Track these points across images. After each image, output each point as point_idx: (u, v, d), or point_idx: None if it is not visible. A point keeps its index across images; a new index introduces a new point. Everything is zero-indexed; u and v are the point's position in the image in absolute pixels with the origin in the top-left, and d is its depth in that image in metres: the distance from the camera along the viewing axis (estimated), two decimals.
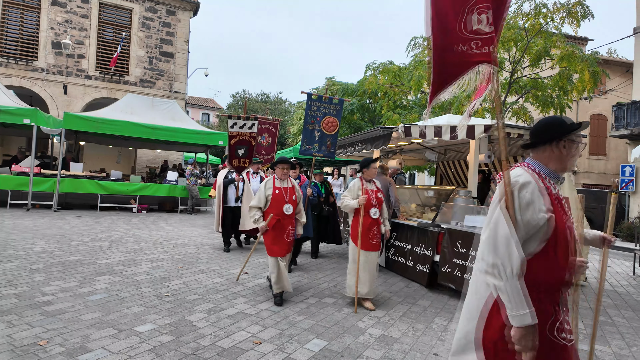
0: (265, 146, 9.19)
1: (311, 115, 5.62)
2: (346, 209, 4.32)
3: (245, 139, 6.31)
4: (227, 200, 6.68)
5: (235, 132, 6.26)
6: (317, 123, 5.63)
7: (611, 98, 18.88)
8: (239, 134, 6.28)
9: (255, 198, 4.26)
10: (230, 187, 6.73)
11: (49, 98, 14.48)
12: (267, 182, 4.30)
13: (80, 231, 7.70)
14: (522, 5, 10.55)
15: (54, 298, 3.82)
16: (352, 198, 4.33)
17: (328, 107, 5.66)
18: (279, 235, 4.19)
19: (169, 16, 16.24)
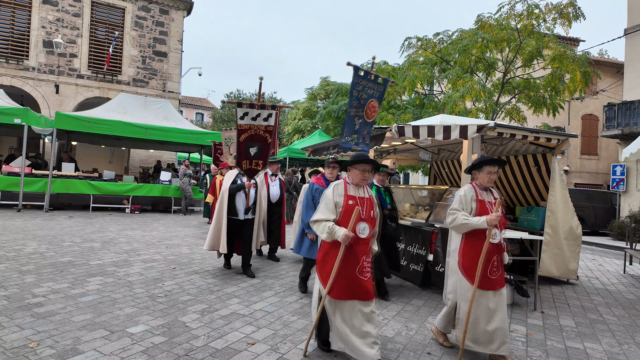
0: None
1: (356, 96, 4.38)
2: (460, 229, 3.10)
3: (259, 133, 4.83)
4: (233, 211, 5.13)
5: (245, 124, 4.76)
6: (361, 108, 4.40)
7: (602, 98, 19.08)
8: (251, 127, 4.78)
9: (320, 209, 2.96)
10: (239, 195, 5.14)
11: (41, 97, 14.32)
12: (336, 187, 2.99)
13: (72, 232, 7.62)
14: (515, 6, 10.64)
15: (44, 300, 3.78)
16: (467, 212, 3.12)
17: (373, 87, 4.46)
18: (346, 269, 2.82)
19: (162, 15, 16.14)
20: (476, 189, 3.18)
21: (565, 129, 19.33)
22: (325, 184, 4.45)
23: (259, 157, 5.01)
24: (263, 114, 4.78)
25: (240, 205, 5.15)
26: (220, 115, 33.68)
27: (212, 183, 8.33)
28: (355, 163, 2.96)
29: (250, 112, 4.74)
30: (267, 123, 4.84)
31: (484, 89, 10.21)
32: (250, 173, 5.03)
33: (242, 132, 4.83)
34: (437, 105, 12.11)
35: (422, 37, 12.15)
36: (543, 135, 5.20)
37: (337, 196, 2.94)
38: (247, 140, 4.87)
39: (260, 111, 4.76)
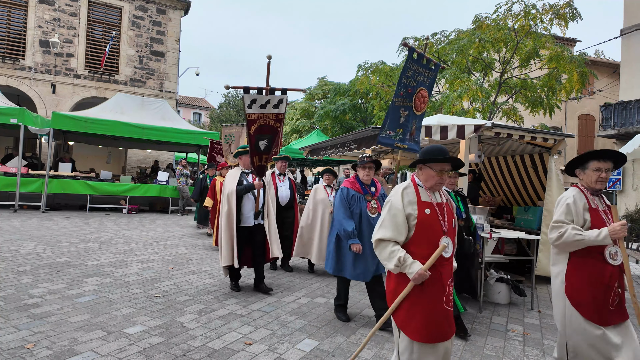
0: None
1: (404, 84, 3.69)
2: (571, 246, 2.39)
3: (269, 124, 4.11)
4: (240, 217, 4.37)
5: (254, 113, 4.04)
6: (409, 97, 3.73)
7: (599, 98, 19.16)
8: (261, 116, 4.06)
9: (385, 224, 2.20)
10: (247, 198, 4.39)
11: (37, 97, 14.26)
12: (405, 192, 2.23)
13: (69, 232, 7.59)
14: (512, 6, 10.67)
15: (41, 300, 3.77)
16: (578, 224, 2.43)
17: (424, 73, 3.81)
18: (431, 298, 2.15)
19: (159, 15, 16.10)
20: (586, 194, 2.48)
21: (562, 129, 19.40)
22: (362, 188, 3.67)
23: (269, 152, 4.29)
24: (273, 100, 4.05)
25: (248, 209, 4.39)
26: (218, 115, 33.63)
27: (211, 185, 7.37)
28: (432, 161, 2.21)
29: (259, 98, 4.00)
30: (277, 111, 4.10)
31: (481, 89, 10.24)
32: (260, 170, 4.33)
33: (251, 122, 4.08)
34: (434, 105, 12.13)
35: (419, 37, 12.17)
36: (540, 135, 5.23)
37: (408, 205, 2.17)
38: (258, 132, 4.13)
39: (270, 97, 4.02)
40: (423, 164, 2.27)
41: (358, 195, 3.62)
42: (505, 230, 5.20)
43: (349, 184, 3.69)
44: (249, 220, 4.40)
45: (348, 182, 3.71)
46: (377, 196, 3.70)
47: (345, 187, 3.66)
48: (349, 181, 3.72)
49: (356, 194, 3.63)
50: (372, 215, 3.57)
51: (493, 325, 3.87)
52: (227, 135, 8.68)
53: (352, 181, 3.71)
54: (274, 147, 4.31)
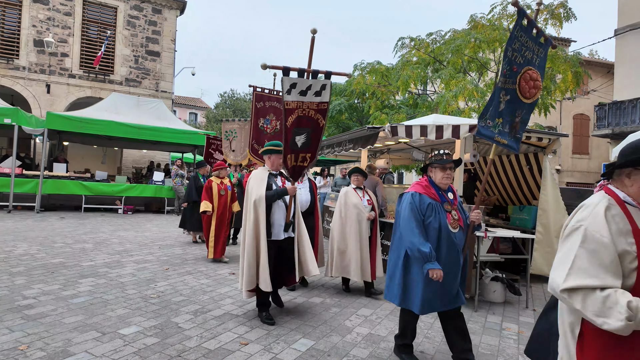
0: (270, 134, 6.05)
1: (509, 58, 2.86)
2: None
3: (308, 114, 3.49)
4: (270, 230, 3.61)
5: (293, 101, 3.38)
6: (513, 77, 2.91)
7: (593, 98, 19.28)
8: (300, 105, 3.41)
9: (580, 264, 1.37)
10: (277, 206, 3.66)
11: (31, 97, 14.16)
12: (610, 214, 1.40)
13: (63, 233, 7.55)
14: (507, 6, 10.71)
15: (35, 301, 3.74)
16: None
17: (533, 48, 2.96)
18: None
19: (154, 15, 16.04)
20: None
21: (557, 129, 19.51)
22: (437, 193, 2.78)
23: (307, 149, 3.56)
24: (315, 86, 3.40)
25: (279, 219, 3.64)
26: (214, 115, 33.55)
27: (205, 186, 6.19)
28: None
29: (299, 82, 3.35)
30: (319, 99, 3.44)
31: (477, 89, 10.28)
32: (296, 172, 3.59)
33: (289, 113, 3.40)
34: (430, 105, 12.17)
35: (415, 37, 12.20)
36: (534, 135, 5.25)
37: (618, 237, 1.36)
38: (295, 124, 3.43)
39: (312, 82, 3.38)
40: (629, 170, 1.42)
41: (435, 204, 2.72)
42: (501, 230, 5.23)
43: (422, 188, 2.78)
44: (278, 232, 3.64)
45: (420, 187, 2.81)
46: (456, 205, 2.83)
47: (416, 193, 2.75)
48: (421, 185, 2.82)
49: (433, 202, 2.73)
50: (453, 230, 2.70)
51: (488, 324, 3.88)
52: (227, 131, 7.60)
53: (426, 185, 2.81)
54: (313, 144, 3.56)
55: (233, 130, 7.73)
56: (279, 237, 3.66)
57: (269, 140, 5.75)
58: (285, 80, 3.32)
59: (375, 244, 4.72)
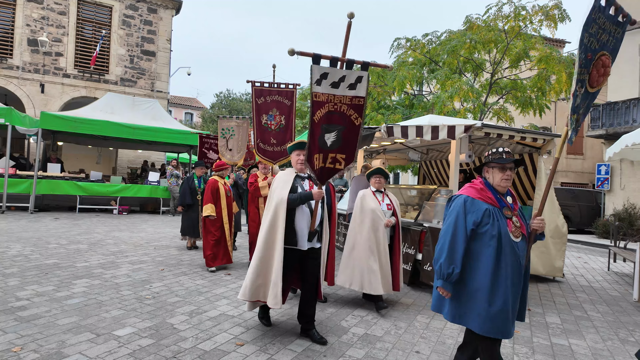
0: (275, 131, 5.58)
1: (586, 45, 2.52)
2: None
3: (340, 110, 3.06)
4: (290, 237, 3.21)
5: (323, 93, 2.99)
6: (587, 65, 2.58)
7: None
8: (331, 98, 3.02)
9: None
10: (301, 211, 3.25)
11: (25, 97, 14.06)
12: None
13: (57, 234, 7.50)
14: (502, 8, 10.77)
15: (28, 303, 3.71)
16: None
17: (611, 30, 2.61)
18: None
19: (150, 14, 15.97)
20: None
21: (552, 129, 19.63)
22: (495, 197, 2.36)
23: (339, 149, 3.13)
24: (349, 77, 3.00)
25: (302, 227, 3.23)
26: (210, 115, 33.44)
27: (207, 187, 5.70)
28: None
29: (332, 72, 2.95)
30: (353, 93, 3.03)
31: (472, 90, 10.32)
32: (324, 175, 3.18)
33: (317, 106, 2.99)
34: (426, 106, 12.20)
35: (411, 37, 12.23)
36: (529, 135, 5.29)
37: None
38: (325, 120, 3.02)
39: (346, 72, 2.99)
40: None
41: (493, 210, 2.32)
42: None
43: (476, 192, 2.38)
44: (302, 241, 3.23)
45: (473, 190, 2.39)
46: (517, 210, 2.42)
47: (469, 198, 2.35)
48: (475, 188, 2.40)
49: (490, 208, 2.32)
50: (515, 240, 2.30)
51: None
52: (224, 128, 7.10)
53: (481, 188, 2.40)
54: (347, 144, 3.13)
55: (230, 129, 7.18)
56: (302, 246, 3.23)
57: (275, 138, 5.56)
58: (315, 69, 2.90)
59: (397, 253, 4.27)
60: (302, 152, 3.28)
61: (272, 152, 5.58)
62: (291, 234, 3.21)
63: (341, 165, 3.20)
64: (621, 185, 13.76)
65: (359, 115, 3.07)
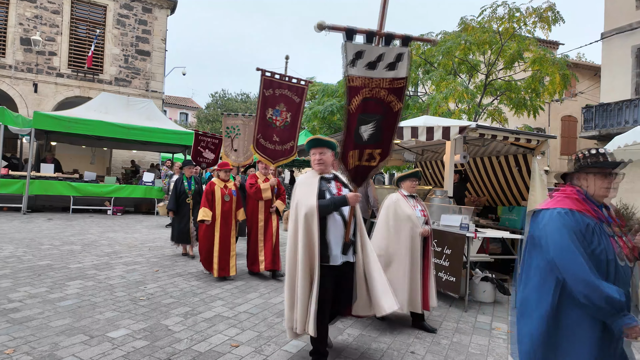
0: (280, 128, 5.14)
1: None
2: None
3: (378, 96, 2.57)
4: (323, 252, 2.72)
5: (359, 77, 2.49)
6: None
7: (581, 100, 19.59)
8: (367, 82, 2.52)
9: None
10: (332, 220, 2.77)
11: (18, 96, 13.93)
12: None
13: (51, 234, 7.43)
14: (497, 9, 10.85)
15: (21, 305, 3.68)
16: None
17: None
18: None
19: (145, 14, 15.89)
20: None
21: (546, 130, 19.78)
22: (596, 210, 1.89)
23: (376, 143, 2.65)
24: (387, 56, 2.47)
25: (335, 238, 2.75)
26: (205, 115, 33.34)
27: (206, 189, 5.13)
28: None
29: (368, 50, 2.42)
30: (393, 74, 2.52)
31: (467, 91, 10.38)
32: (359, 174, 2.71)
33: (353, 92, 2.49)
34: (421, 107, 12.25)
35: None
36: (523, 137, 5.32)
37: None
38: (361, 109, 2.53)
39: (384, 49, 2.46)
40: None
41: (594, 225, 1.82)
42: (490, 230, 5.28)
43: (575, 203, 1.88)
44: (335, 256, 2.74)
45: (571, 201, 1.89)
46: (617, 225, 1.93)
47: (570, 210, 1.84)
48: (572, 199, 1.90)
49: (592, 223, 1.83)
50: (621, 263, 1.80)
51: (478, 324, 3.92)
52: (229, 127, 6.49)
53: (577, 198, 1.90)
54: (385, 137, 2.65)
55: (236, 127, 6.60)
56: (336, 261, 2.73)
57: (278, 135, 5.10)
58: (348, 47, 2.39)
59: (427, 266, 3.77)
60: (319, 150, 2.86)
61: (272, 151, 5.11)
62: (322, 247, 2.70)
63: (376, 162, 2.71)
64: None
65: (399, 99, 2.58)
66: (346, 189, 2.86)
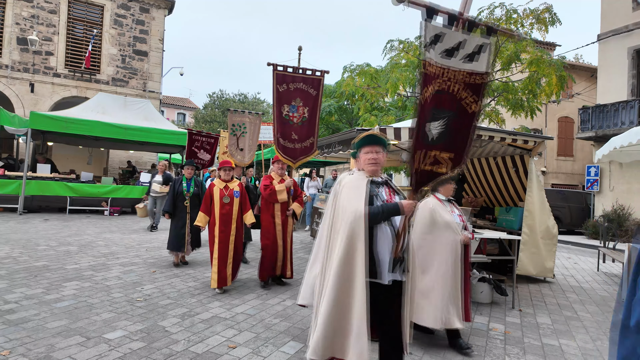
0: (297, 125, 4.82)
1: None
2: None
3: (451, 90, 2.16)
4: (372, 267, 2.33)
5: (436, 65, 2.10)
6: None
7: (577, 101, 19.67)
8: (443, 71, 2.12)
9: None
10: (381, 231, 2.37)
11: (14, 96, 13.86)
12: None
13: (47, 235, 7.40)
14: (494, 11, 10.88)
15: (17, 306, 3.66)
16: None
17: None
18: None
19: (142, 14, 15.85)
20: None
21: (543, 131, 19.85)
22: None
23: (444, 145, 2.25)
24: (469, 44, 2.11)
25: (384, 251, 2.35)
26: (203, 115, 33.28)
27: (207, 192, 4.77)
28: None
29: (448, 35, 2.07)
30: (471, 67, 2.14)
31: None
32: (420, 180, 2.30)
33: (428, 80, 2.12)
34: None
35: (404, 39, 12.29)
36: (520, 137, 5.33)
37: None
38: (434, 102, 2.15)
39: (465, 36, 2.10)
40: None
41: None
42: (487, 231, 5.29)
43: None
44: (382, 272, 2.33)
45: None
46: None
47: None
48: None
49: None
50: None
51: (475, 325, 3.92)
52: (235, 124, 6.05)
53: None
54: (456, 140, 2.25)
55: (242, 125, 6.16)
56: (384, 279, 2.33)
57: (297, 133, 4.69)
58: (429, 28, 2.04)
59: (468, 276, 3.50)
60: (375, 149, 2.50)
61: (292, 150, 4.79)
62: (373, 263, 2.32)
63: (444, 168, 2.27)
64: (610, 186, 13.95)
65: (476, 98, 2.19)
66: (398, 196, 2.50)
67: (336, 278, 2.28)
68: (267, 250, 4.77)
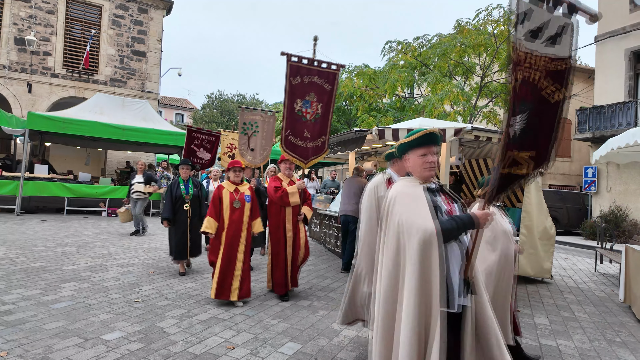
0: (310, 122, 4.41)
1: None
2: None
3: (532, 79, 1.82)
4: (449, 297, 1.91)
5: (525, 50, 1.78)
6: None
7: (575, 103, 19.74)
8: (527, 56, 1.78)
9: None
10: (450, 249, 1.97)
11: (12, 97, 13.83)
12: None
13: (45, 236, 7.37)
14: (492, 12, 10.92)
15: (14, 307, 3.65)
16: None
17: None
18: None
19: (140, 14, 15.84)
20: None
21: None
22: None
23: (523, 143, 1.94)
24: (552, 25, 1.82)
25: (454, 273, 1.98)
26: (201, 116, 33.25)
27: (214, 195, 4.26)
28: None
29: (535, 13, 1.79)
30: (553, 51, 1.84)
31: (462, 93, 10.44)
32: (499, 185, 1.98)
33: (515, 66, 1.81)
34: (416, 108, 12.29)
35: (402, 41, 12.32)
36: None
37: None
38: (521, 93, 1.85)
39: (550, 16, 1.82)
40: None
41: None
42: None
43: None
44: (454, 298, 1.94)
45: None
46: None
47: None
48: None
49: None
50: None
51: None
52: (246, 123, 5.68)
53: None
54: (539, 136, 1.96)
55: (254, 123, 5.75)
56: (453, 306, 1.93)
57: (309, 131, 4.31)
58: (521, 4, 1.76)
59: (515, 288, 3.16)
60: (436, 150, 2.14)
61: (303, 149, 4.39)
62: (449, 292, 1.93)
63: (525, 169, 1.97)
64: (607, 187, 14.00)
65: (559, 86, 1.87)
66: (456, 204, 2.13)
67: (413, 309, 1.87)
68: (279, 258, 4.33)
